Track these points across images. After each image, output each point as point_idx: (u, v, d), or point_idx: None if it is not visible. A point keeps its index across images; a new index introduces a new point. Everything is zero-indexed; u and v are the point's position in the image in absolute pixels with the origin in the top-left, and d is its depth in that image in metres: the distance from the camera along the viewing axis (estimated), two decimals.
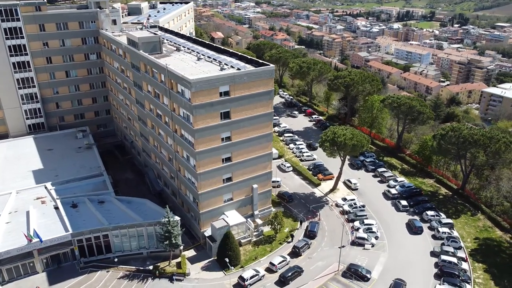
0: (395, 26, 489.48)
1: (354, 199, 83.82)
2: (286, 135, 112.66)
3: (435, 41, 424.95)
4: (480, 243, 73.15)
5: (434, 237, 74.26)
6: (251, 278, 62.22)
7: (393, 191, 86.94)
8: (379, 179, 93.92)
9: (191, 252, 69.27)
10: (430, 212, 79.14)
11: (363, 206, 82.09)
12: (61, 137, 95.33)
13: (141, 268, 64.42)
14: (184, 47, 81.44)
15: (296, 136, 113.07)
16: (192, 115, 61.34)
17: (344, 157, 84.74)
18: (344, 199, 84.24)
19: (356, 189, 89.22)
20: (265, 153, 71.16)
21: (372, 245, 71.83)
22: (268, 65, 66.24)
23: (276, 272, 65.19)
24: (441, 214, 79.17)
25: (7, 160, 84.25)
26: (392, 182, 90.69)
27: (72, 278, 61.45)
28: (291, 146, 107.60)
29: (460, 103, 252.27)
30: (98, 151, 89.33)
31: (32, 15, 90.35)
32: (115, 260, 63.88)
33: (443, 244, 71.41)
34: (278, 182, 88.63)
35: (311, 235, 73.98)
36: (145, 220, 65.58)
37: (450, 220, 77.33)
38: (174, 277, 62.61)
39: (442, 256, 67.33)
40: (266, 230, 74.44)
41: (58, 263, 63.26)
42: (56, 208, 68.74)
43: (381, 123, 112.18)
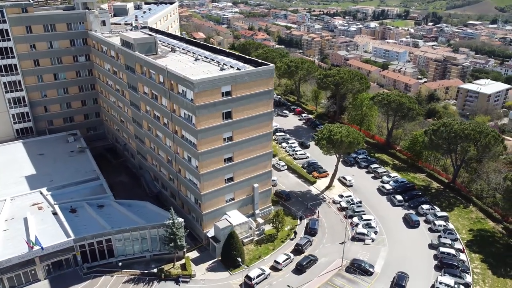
0: (372, 25, 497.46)
1: (350, 196, 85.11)
2: (278, 134, 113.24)
3: (411, 39, 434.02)
4: (475, 234, 75.49)
5: (431, 230, 76.18)
6: (258, 277, 62.51)
7: (387, 186, 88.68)
8: (372, 175, 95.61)
9: (194, 254, 69.00)
10: (425, 206, 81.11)
11: (360, 202, 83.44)
12: (51, 141, 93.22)
13: (145, 271, 63.80)
14: (178, 47, 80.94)
15: (288, 135, 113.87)
16: (195, 115, 61.10)
17: (340, 154, 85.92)
18: (341, 196, 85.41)
19: (351, 185, 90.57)
20: (265, 152, 71.53)
21: (372, 240, 73.17)
22: (268, 64, 66.60)
23: (281, 270, 65.78)
24: (435, 207, 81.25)
25: None
26: (385, 178, 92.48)
27: (76, 284, 60.35)
28: (284, 145, 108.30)
29: (439, 99, 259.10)
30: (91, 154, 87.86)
31: (18, 17, 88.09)
32: (119, 264, 63.01)
33: (440, 236, 73.39)
34: (274, 181, 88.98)
35: (312, 232, 74.76)
36: (148, 223, 64.94)
37: (445, 213, 79.52)
38: (180, 279, 62.28)
39: (441, 248, 69.19)
40: (267, 229, 74.85)
41: (60, 268, 61.99)
42: (55, 213, 67.33)
43: (370, 120, 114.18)
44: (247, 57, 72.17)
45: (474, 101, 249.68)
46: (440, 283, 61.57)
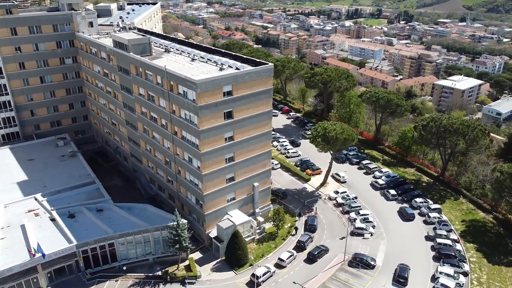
0: (347, 23, 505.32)
1: (346, 192, 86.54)
2: None
3: (385, 37, 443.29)
4: (468, 225, 78.12)
5: (426, 222, 78.38)
6: (264, 275, 62.87)
7: (380, 181, 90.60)
8: (364, 171, 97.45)
9: (196, 255, 68.69)
10: (418, 199, 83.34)
11: (356, 197, 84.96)
12: (40, 146, 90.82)
13: (150, 274, 63.13)
14: (172, 48, 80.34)
15: (278, 134, 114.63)
16: (197, 116, 60.91)
17: (334, 151, 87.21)
18: (337, 192, 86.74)
19: (345, 182, 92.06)
20: (264, 151, 71.96)
21: (371, 234, 74.67)
22: (267, 63, 67.01)
23: (286, 267, 66.35)
24: (428, 200, 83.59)
25: None
26: (377, 173, 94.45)
27: None
28: (275, 143, 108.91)
29: (416, 95, 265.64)
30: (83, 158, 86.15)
31: (3, 19, 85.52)
32: (123, 268, 62.18)
33: (435, 228, 75.64)
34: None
35: (311, 228, 75.66)
36: (150, 225, 64.28)
37: (438, 205, 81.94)
38: (186, 280, 61.97)
39: (437, 239, 71.33)
40: (267, 227, 75.31)
41: (62, 275, 60.60)
42: (52, 219, 65.74)
43: (358, 117, 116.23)
44: (245, 56, 72.38)
45: (449, 96, 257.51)
46: (441, 273, 63.56)
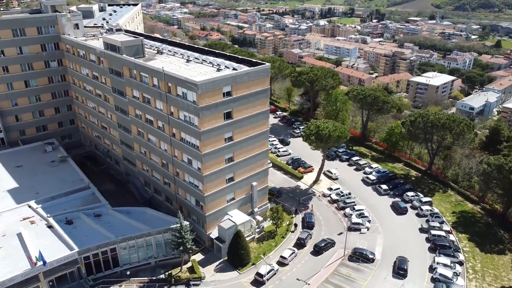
0: (321, 22, 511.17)
1: (339, 188, 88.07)
2: None
3: (359, 36, 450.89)
4: (458, 216, 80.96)
5: (418, 215, 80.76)
6: (268, 273, 63.38)
7: (371, 177, 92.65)
8: (354, 167, 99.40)
9: (198, 256, 68.53)
10: (409, 193, 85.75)
11: (349, 193, 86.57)
12: (26, 152, 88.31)
13: (153, 278, 62.69)
14: (164, 49, 79.71)
15: None
16: (198, 117, 60.80)
17: (326, 149, 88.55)
18: (330, 189, 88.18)
19: (337, 178, 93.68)
20: (262, 150, 72.40)
21: (367, 228, 76.37)
22: (264, 63, 67.48)
23: (288, 264, 67.13)
24: (419, 194, 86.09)
25: None
26: (368, 169, 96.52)
27: None
28: None
29: (392, 92, 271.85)
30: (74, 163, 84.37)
31: None
32: (127, 273, 61.41)
33: (428, 220, 78.04)
34: None
35: (309, 225, 76.71)
36: (152, 229, 63.76)
37: (429, 199, 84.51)
38: (191, 282, 61.81)
39: (432, 231, 73.64)
40: (265, 226, 75.88)
41: (64, 282, 59.37)
42: (50, 226, 64.25)
43: (344, 114, 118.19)
44: (240, 57, 72.62)
45: (424, 92, 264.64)
46: (438, 263, 65.71)
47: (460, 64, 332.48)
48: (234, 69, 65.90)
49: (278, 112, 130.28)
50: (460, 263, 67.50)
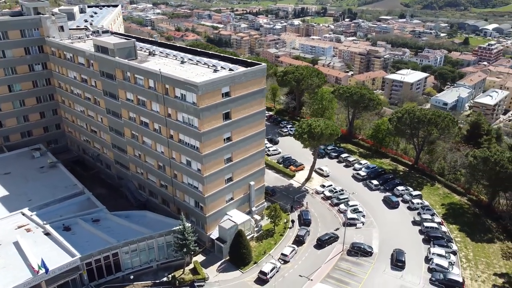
0: (295, 22, 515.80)
1: (332, 185, 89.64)
2: None
3: (333, 35, 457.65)
4: (447, 208, 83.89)
5: (410, 208, 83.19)
6: (271, 271, 64.07)
7: (361, 173, 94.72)
8: (344, 164, 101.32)
9: (199, 257, 68.44)
10: (400, 188, 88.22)
11: (342, 189, 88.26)
12: (13, 158, 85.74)
13: (157, 281, 62.31)
14: (155, 51, 79.08)
15: None
16: (198, 118, 60.84)
17: (318, 147, 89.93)
18: (323, 186, 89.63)
19: (328, 175, 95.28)
20: (259, 150, 72.98)
21: (363, 223, 78.15)
22: (261, 64, 68.06)
23: (289, 262, 67.97)
24: (409, 188, 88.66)
25: None
26: (357, 165, 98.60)
27: None
28: None
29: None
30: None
31: None
32: (131, 277, 60.79)
33: (419, 213, 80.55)
34: None
35: (306, 222, 77.82)
36: (153, 232, 63.33)
37: (419, 192, 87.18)
38: (195, 283, 61.75)
39: (424, 223, 76.09)
40: (263, 224, 76.53)
41: None
42: (47, 234, 62.80)
43: (331, 112, 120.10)
44: (234, 57, 73.11)
45: (399, 90, 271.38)
46: (433, 254, 68.05)
47: (432, 61, 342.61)
48: (231, 69, 66.20)
49: None
50: (454, 253, 70.09)
